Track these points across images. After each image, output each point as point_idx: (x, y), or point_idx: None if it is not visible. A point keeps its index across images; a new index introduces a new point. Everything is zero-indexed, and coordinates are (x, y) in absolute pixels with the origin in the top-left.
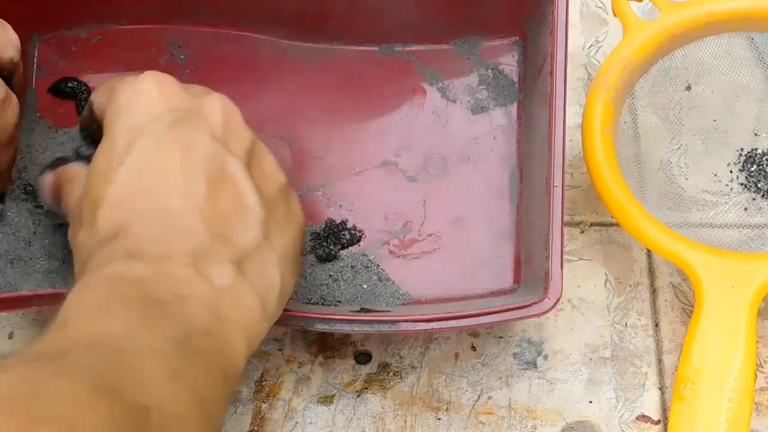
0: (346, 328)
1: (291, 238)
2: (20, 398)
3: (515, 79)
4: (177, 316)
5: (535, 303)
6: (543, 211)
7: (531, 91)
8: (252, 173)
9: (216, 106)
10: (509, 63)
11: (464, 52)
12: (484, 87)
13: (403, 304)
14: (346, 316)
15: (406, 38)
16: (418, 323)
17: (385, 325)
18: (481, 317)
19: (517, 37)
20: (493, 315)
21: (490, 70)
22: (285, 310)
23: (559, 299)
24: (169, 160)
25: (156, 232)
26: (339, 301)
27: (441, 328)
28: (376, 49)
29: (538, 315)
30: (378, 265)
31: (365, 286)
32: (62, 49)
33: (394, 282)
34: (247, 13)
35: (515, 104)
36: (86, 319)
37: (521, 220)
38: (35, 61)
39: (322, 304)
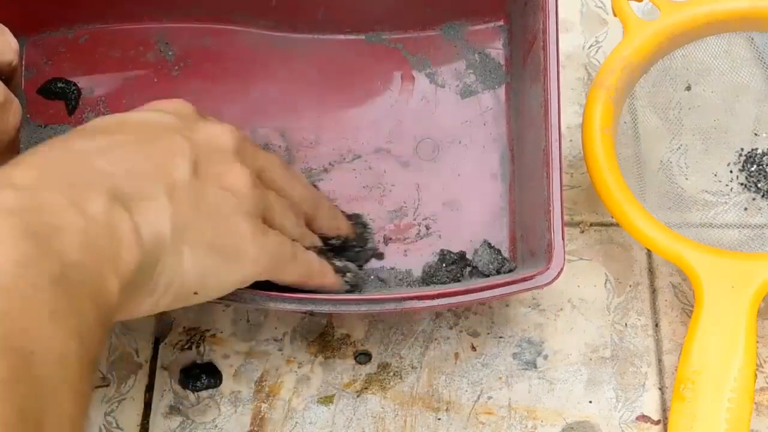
0: (353, 309)
1: (212, 233)
2: None
3: (502, 63)
4: (52, 251)
5: (540, 273)
6: (540, 185)
7: (521, 71)
8: (205, 173)
9: (211, 129)
10: (495, 47)
11: (450, 38)
12: (472, 71)
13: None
14: (353, 297)
15: (392, 26)
16: (424, 300)
17: (392, 303)
18: (486, 291)
19: (502, 22)
20: (498, 288)
21: (476, 55)
22: (289, 293)
23: (562, 269)
24: (119, 125)
25: (44, 161)
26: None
27: (448, 303)
28: (363, 38)
29: (542, 286)
30: (375, 251)
31: (363, 272)
32: (50, 51)
33: (393, 267)
34: (234, 6)
35: (503, 87)
36: None
37: (514, 200)
38: (23, 63)
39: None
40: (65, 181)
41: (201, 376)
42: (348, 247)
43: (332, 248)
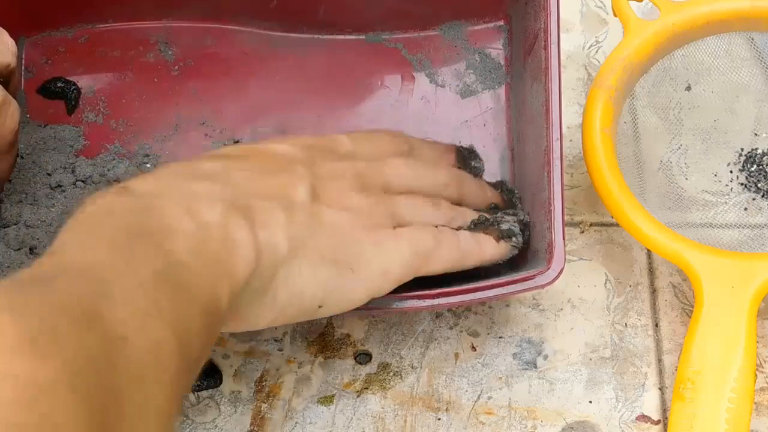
0: None
1: (329, 248)
2: (3, 319)
3: (502, 63)
4: (161, 250)
5: (540, 273)
6: (541, 185)
7: (521, 70)
8: (323, 197)
9: (334, 166)
10: (495, 47)
11: (450, 38)
12: (472, 71)
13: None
14: None
15: (392, 26)
16: (424, 299)
17: (392, 302)
18: (486, 291)
19: (502, 22)
20: (499, 288)
21: (477, 55)
22: None
23: (562, 269)
24: (246, 152)
25: (167, 174)
26: None
27: (449, 303)
28: (363, 38)
29: (542, 286)
30: None
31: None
32: (49, 50)
33: None
34: (234, 6)
35: (503, 87)
36: (73, 248)
37: None
38: (23, 62)
39: None
40: (183, 192)
41: (201, 376)
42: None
43: (486, 219)
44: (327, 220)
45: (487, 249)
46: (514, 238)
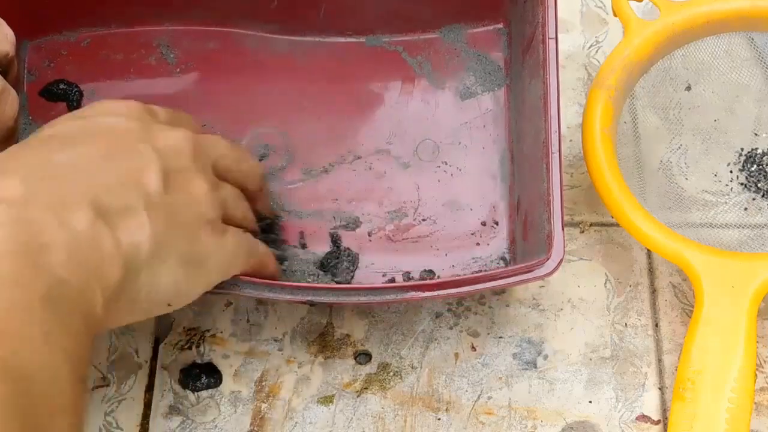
0: (353, 299)
1: (182, 245)
2: None
3: (501, 65)
4: (41, 269)
5: (540, 263)
6: (540, 179)
7: (520, 68)
8: (173, 183)
9: (168, 137)
10: (495, 49)
11: (450, 41)
12: (472, 73)
13: None
14: (354, 286)
15: (393, 29)
16: (425, 290)
17: (393, 293)
18: (486, 282)
19: (502, 25)
20: (499, 279)
21: (476, 57)
22: (290, 283)
23: (562, 260)
24: (85, 132)
25: (28, 173)
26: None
27: (449, 293)
28: (363, 40)
29: (542, 277)
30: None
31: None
32: (52, 54)
33: (393, 268)
34: (235, 9)
35: (503, 89)
36: None
37: (514, 201)
38: (25, 65)
39: None
40: (51, 196)
41: (201, 376)
42: (269, 232)
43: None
44: (180, 214)
45: (272, 263)
46: (285, 263)
